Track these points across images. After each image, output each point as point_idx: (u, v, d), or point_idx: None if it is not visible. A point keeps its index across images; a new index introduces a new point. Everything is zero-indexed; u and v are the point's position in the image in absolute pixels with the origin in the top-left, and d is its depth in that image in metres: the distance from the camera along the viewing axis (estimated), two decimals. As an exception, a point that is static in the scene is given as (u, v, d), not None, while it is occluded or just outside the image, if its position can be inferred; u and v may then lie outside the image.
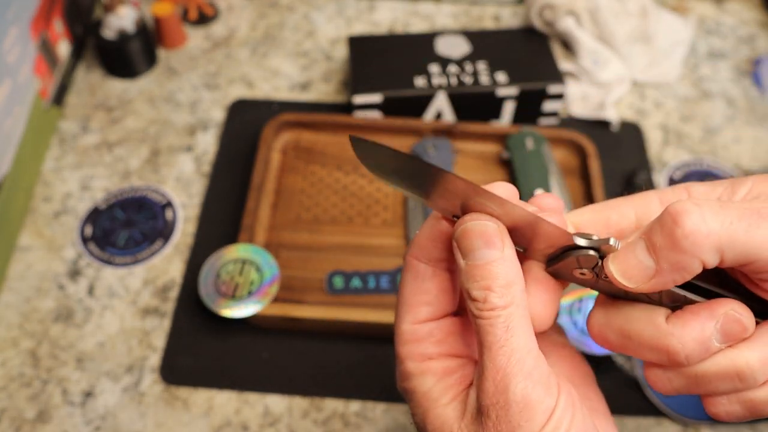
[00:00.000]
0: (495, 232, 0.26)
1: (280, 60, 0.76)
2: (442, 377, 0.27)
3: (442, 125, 0.66)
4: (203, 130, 0.70)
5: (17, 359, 0.55)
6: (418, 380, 0.28)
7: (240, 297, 0.54)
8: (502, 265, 0.25)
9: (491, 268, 0.25)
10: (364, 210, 0.62)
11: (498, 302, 0.25)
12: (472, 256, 0.26)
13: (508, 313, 0.25)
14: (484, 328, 0.25)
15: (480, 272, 0.25)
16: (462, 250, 0.26)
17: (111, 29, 0.70)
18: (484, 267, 0.25)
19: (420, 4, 0.82)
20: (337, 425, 0.52)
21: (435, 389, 0.27)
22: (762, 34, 0.80)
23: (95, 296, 0.58)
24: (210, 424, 0.52)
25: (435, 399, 0.27)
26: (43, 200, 0.64)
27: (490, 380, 0.25)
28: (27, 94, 0.63)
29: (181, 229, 0.62)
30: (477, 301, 0.25)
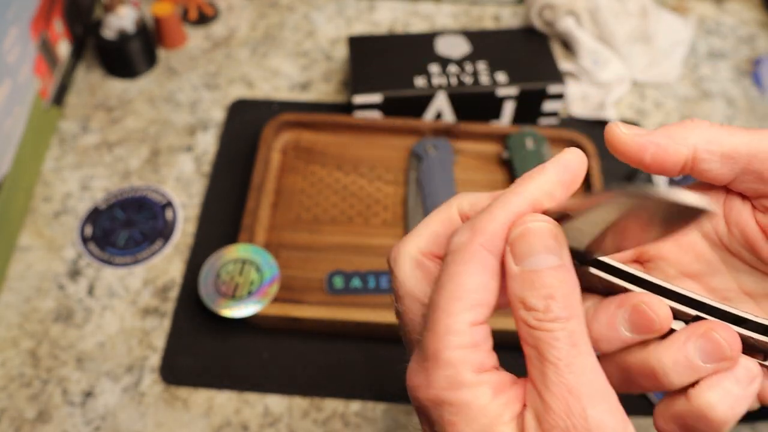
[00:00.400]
0: (557, 235, 0.23)
1: (280, 60, 0.76)
2: (498, 393, 0.23)
3: (442, 125, 0.66)
4: (203, 130, 0.70)
5: (17, 359, 0.55)
6: (473, 392, 0.23)
7: (240, 297, 0.54)
8: (563, 272, 0.23)
9: (554, 274, 0.23)
10: (364, 210, 0.63)
11: (561, 313, 0.22)
12: (530, 261, 0.23)
13: (572, 326, 0.22)
14: (546, 342, 0.22)
15: (540, 279, 0.23)
16: (517, 253, 0.23)
17: (111, 29, 0.70)
18: (544, 273, 0.23)
19: (420, 4, 0.82)
20: (337, 425, 0.52)
21: (493, 405, 0.23)
22: (762, 34, 0.80)
23: (95, 296, 0.58)
24: (210, 424, 0.52)
25: (496, 415, 0.23)
26: (43, 200, 0.64)
27: (560, 402, 0.22)
28: (27, 94, 0.63)
29: (181, 229, 0.62)
30: (536, 310, 0.22)
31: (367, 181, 0.64)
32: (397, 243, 0.27)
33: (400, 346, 0.38)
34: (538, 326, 0.22)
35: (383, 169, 0.65)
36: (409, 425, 0.52)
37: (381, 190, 0.64)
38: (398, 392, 0.53)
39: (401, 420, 0.52)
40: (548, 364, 0.22)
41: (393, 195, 0.64)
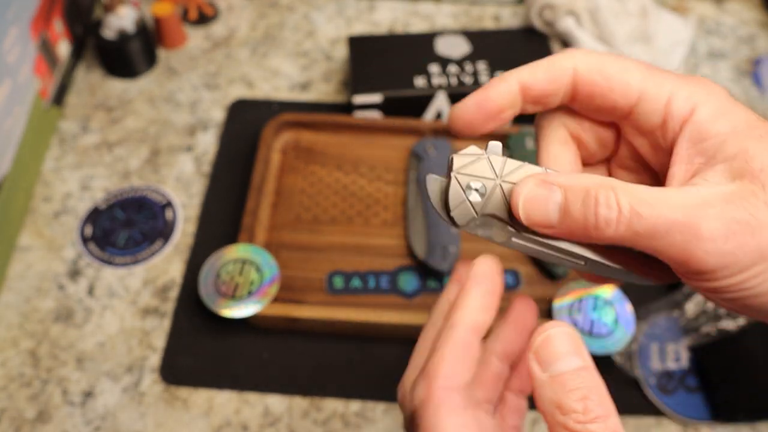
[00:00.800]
0: (577, 338, 0.25)
1: (280, 60, 0.76)
2: None
3: (442, 125, 0.66)
4: (203, 130, 0.70)
5: (17, 359, 0.55)
6: None
7: (240, 297, 0.54)
8: (591, 372, 0.24)
9: (584, 375, 0.23)
10: (364, 210, 0.63)
11: (600, 411, 0.23)
12: (557, 366, 0.24)
13: (611, 424, 0.23)
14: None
15: (572, 382, 0.23)
16: (544, 360, 0.24)
17: (111, 29, 0.70)
18: (575, 375, 0.23)
19: (420, 4, 0.82)
20: (337, 425, 0.52)
21: None
22: (762, 34, 0.80)
23: (95, 296, 0.58)
24: (210, 424, 0.52)
25: None
26: (43, 200, 0.64)
27: None
28: (27, 94, 0.63)
29: (181, 229, 0.62)
30: (575, 412, 0.23)
31: (367, 181, 0.64)
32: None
33: (400, 346, 0.39)
34: (581, 429, 0.23)
35: (383, 169, 0.65)
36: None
37: (381, 190, 0.64)
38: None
39: (401, 420, 0.52)
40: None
41: (393, 195, 0.64)
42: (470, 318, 0.28)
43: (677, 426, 0.52)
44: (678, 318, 0.56)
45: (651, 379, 0.53)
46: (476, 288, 0.29)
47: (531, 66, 0.28)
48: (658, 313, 0.56)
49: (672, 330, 0.56)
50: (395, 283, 0.58)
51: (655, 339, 0.55)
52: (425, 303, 0.57)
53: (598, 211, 0.24)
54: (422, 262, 0.58)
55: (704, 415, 0.52)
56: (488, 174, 0.27)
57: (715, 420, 0.52)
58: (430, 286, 0.58)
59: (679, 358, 0.54)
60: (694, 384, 0.53)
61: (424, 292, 0.57)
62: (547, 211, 0.25)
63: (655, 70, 0.26)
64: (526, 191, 0.25)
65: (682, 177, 0.25)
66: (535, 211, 0.25)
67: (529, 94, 0.28)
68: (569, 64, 0.27)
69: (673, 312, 0.56)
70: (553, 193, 0.25)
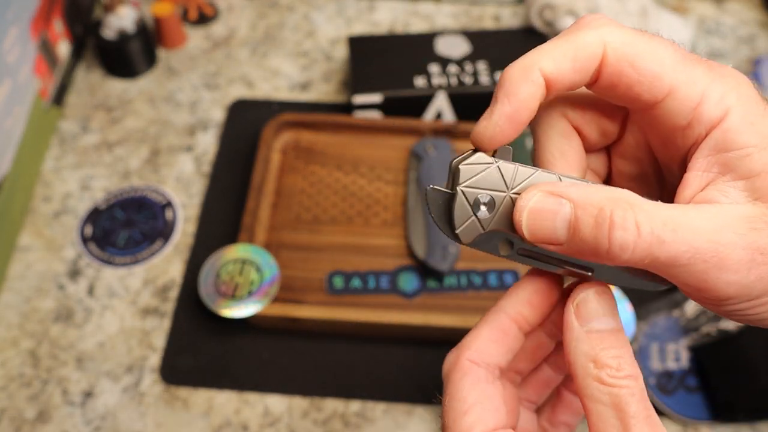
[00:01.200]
0: (615, 301, 0.25)
1: (280, 60, 0.76)
2: None
3: (442, 125, 0.66)
4: (203, 130, 0.70)
5: (17, 359, 0.55)
6: None
7: (240, 297, 0.54)
8: (623, 335, 0.24)
9: (618, 336, 0.24)
10: (364, 210, 0.62)
11: (632, 371, 0.23)
12: (598, 322, 0.24)
13: (641, 384, 0.23)
14: (624, 399, 0.23)
15: (608, 340, 0.24)
16: (583, 315, 0.24)
17: (111, 29, 0.70)
18: (612, 334, 0.24)
19: (420, 4, 0.82)
20: (337, 425, 0.52)
21: None
22: (762, 34, 0.80)
23: (95, 296, 0.58)
24: (210, 424, 0.52)
25: None
26: (43, 200, 0.64)
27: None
28: (27, 94, 0.63)
29: (181, 229, 0.62)
30: (610, 368, 0.23)
31: (367, 181, 0.64)
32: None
33: (400, 346, 0.38)
34: (615, 383, 0.23)
35: (383, 169, 0.65)
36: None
37: (381, 190, 0.64)
38: (398, 392, 0.53)
39: (401, 420, 0.52)
40: (631, 419, 0.22)
41: (393, 195, 0.64)
42: (513, 308, 0.27)
43: (677, 426, 0.52)
44: (678, 318, 0.56)
45: (651, 379, 0.53)
46: (530, 283, 0.27)
47: (553, 51, 0.24)
48: (658, 313, 0.56)
49: (672, 330, 0.56)
50: (395, 283, 0.58)
51: (655, 339, 0.55)
52: (425, 303, 0.57)
53: (612, 234, 0.22)
54: (422, 262, 0.58)
55: (704, 415, 0.52)
56: (498, 185, 0.24)
57: (715, 420, 0.52)
58: (430, 286, 0.58)
59: (679, 358, 0.54)
60: (694, 384, 0.53)
61: (424, 292, 0.57)
62: (554, 227, 0.23)
63: (689, 61, 0.24)
64: (531, 204, 0.23)
65: (696, 186, 0.24)
66: (540, 227, 0.23)
67: (553, 88, 0.25)
68: (598, 49, 0.24)
69: (673, 312, 0.56)
70: (562, 207, 0.23)
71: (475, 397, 0.25)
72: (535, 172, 0.24)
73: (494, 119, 0.25)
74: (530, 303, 0.27)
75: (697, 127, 0.23)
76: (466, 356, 0.26)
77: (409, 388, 0.54)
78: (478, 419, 0.25)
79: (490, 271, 0.59)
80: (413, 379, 0.54)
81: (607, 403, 0.23)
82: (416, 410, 0.53)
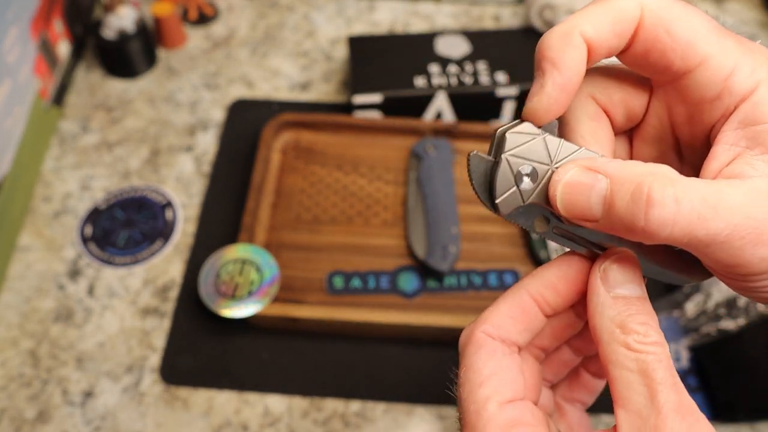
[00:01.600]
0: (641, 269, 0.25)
1: (280, 60, 0.76)
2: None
3: (442, 125, 0.66)
4: (203, 130, 0.70)
5: (17, 359, 0.55)
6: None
7: (240, 297, 0.54)
8: (648, 303, 0.24)
9: (644, 303, 0.24)
10: (364, 210, 0.62)
11: (658, 338, 0.23)
12: (624, 288, 0.24)
13: (667, 351, 0.23)
14: (651, 365, 0.22)
15: (636, 305, 0.23)
16: (611, 280, 0.24)
17: (111, 29, 0.70)
18: (639, 300, 0.23)
19: (420, 4, 0.82)
20: (337, 425, 0.52)
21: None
22: (762, 34, 0.80)
23: (95, 296, 0.58)
24: (210, 424, 0.52)
25: None
26: (43, 200, 0.64)
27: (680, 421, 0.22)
28: (27, 94, 0.63)
29: (181, 229, 0.62)
30: (637, 333, 0.23)
31: (367, 181, 0.64)
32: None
33: (400, 346, 0.38)
34: (642, 349, 0.23)
35: (383, 169, 0.65)
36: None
37: (381, 190, 0.64)
38: (398, 392, 0.53)
39: (401, 420, 0.52)
40: (658, 385, 0.22)
41: (393, 195, 0.64)
42: (536, 288, 0.26)
43: (677, 426, 0.52)
44: (678, 318, 0.56)
45: (651, 379, 0.53)
46: (558, 268, 0.26)
47: (592, 15, 0.23)
48: (658, 313, 0.56)
49: (672, 330, 0.56)
50: (395, 283, 0.58)
51: (655, 339, 0.55)
52: (425, 303, 0.57)
53: (649, 211, 0.21)
54: (422, 262, 0.58)
55: (704, 414, 0.52)
56: (542, 158, 0.24)
57: (715, 420, 0.52)
58: (430, 286, 0.58)
59: (679, 358, 0.54)
60: (694, 384, 0.53)
61: (424, 292, 0.57)
62: (589, 202, 0.22)
63: (721, 33, 0.23)
64: (567, 178, 0.23)
65: (724, 159, 0.23)
66: (574, 202, 0.23)
67: (594, 53, 0.24)
68: (636, 12, 0.23)
69: (673, 312, 0.56)
70: (598, 182, 0.22)
71: (491, 369, 0.24)
72: (580, 149, 0.24)
73: (547, 91, 0.24)
74: (555, 288, 0.26)
75: (727, 99, 0.23)
76: (482, 329, 0.25)
77: (409, 388, 0.54)
78: (494, 391, 0.24)
79: (490, 271, 0.59)
80: (413, 379, 0.54)
81: (633, 369, 0.22)
82: (416, 410, 0.53)
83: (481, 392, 0.24)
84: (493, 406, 0.24)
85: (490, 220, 0.62)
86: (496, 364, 0.25)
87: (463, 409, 0.24)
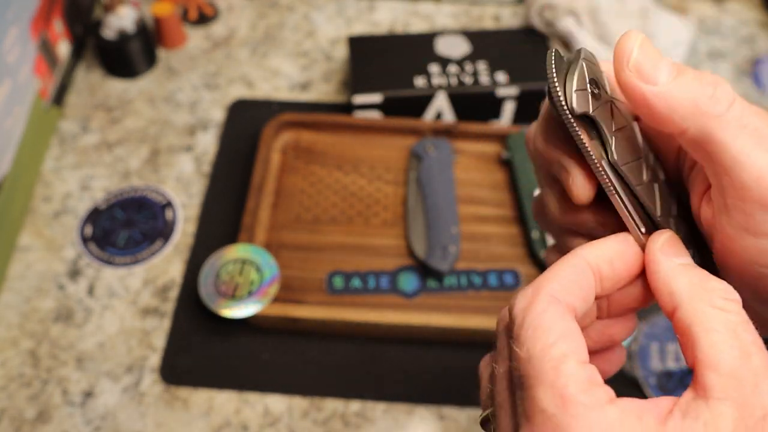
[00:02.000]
0: None
1: (280, 60, 0.76)
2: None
3: (442, 125, 0.66)
4: (203, 130, 0.70)
5: (17, 359, 0.55)
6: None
7: (240, 297, 0.54)
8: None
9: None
10: (364, 210, 0.62)
11: (738, 297, 0.23)
12: (684, 258, 0.25)
13: (745, 313, 0.23)
14: (741, 326, 0.22)
15: (702, 271, 0.24)
16: (671, 253, 0.25)
17: (111, 29, 0.70)
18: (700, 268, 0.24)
19: (420, 4, 0.82)
20: (337, 425, 0.52)
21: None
22: (762, 34, 0.80)
23: (95, 296, 0.58)
24: (210, 424, 0.52)
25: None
26: (43, 200, 0.64)
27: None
28: (27, 94, 0.63)
29: (181, 229, 0.62)
30: (720, 289, 0.23)
31: (367, 181, 0.64)
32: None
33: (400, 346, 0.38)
34: (728, 308, 0.22)
35: (383, 169, 0.65)
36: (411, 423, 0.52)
37: (381, 190, 0.64)
38: (398, 392, 0.53)
39: (401, 420, 0.52)
40: (751, 345, 0.21)
41: (393, 195, 0.64)
42: (595, 260, 0.25)
43: (677, 426, 0.52)
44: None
45: (651, 379, 0.53)
46: (616, 242, 0.26)
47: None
48: (658, 313, 0.56)
49: (672, 330, 0.55)
50: (395, 283, 0.58)
51: (655, 339, 0.55)
52: (425, 303, 0.57)
53: (715, 90, 0.22)
54: (422, 262, 0.58)
55: None
56: (605, 86, 0.25)
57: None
58: (430, 286, 0.58)
59: (680, 358, 0.54)
60: (694, 384, 0.53)
61: (424, 292, 0.57)
62: (656, 66, 0.23)
63: None
64: (641, 41, 0.23)
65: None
66: (645, 61, 0.23)
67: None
68: None
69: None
70: (665, 60, 0.23)
71: (563, 329, 0.23)
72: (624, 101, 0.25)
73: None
74: (611, 264, 0.25)
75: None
76: (549, 290, 0.24)
77: (409, 388, 0.54)
78: (571, 350, 0.22)
79: (490, 271, 0.59)
80: (413, 379, 0.54)
81: (721, 330, 0.22)
82: (416, 410, 0.53)
83: (557, 349, 0.22)
84: (572, 363, 0.22)
85: (490, 220, 0.62)
86: (566, 325, 0.23)
87: (532, 368, 0.22)
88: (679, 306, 0.23)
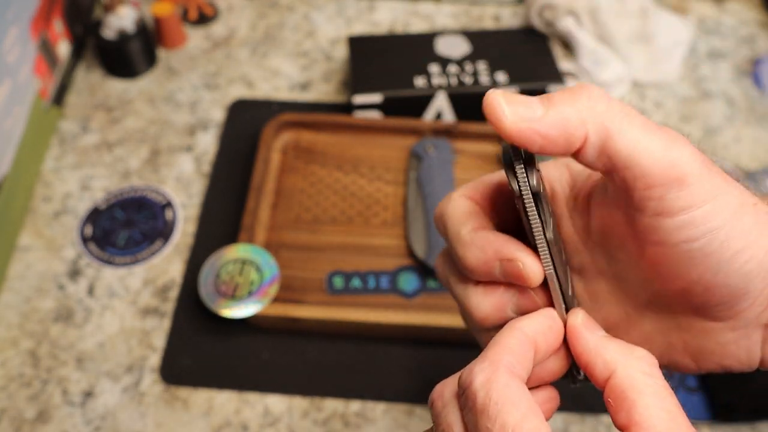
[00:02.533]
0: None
1: (280, 60, 0.76)
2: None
3: (442, 125, 0.66)
4: (203, 130, 0.70)
5: (17, 359, 0.55)
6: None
7: (240, 297, 0.54)
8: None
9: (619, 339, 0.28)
10: (364, 210, 0.63)
11: (656, 362, 0.26)
12: (602, 331, 0.27)
13: None
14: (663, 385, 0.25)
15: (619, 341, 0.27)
16: (592, 327, 0.27)
17: (111, 29, 0.70)
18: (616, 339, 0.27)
19: (420, 4, 0.82)
20: (337, 425, 0.52)
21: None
22: (762, 34, 0.80)
23: (95, 296, 0.58)
24: (210, 424, 0.52)
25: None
26: (43, 200, 0.64)
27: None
28: (27, 94, 0.63)
29: (181, 229, 0.62)
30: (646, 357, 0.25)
31: (367, 181, 0.64)
32: None
33: (400, 346, 0.38)
34: (657, 374, 0.25)
35: (383, 169, 0.65)
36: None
37: (381, 190, 0.64)
38: (398, 392, 0.54)
39: (401, 420, 0.52)
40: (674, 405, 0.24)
41: (393, 195, 0.64)
42: (532, 331, 0.26)
43: (677, 426, 0.52)
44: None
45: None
46: (544, 316, 0.27)
47: None
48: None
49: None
50: (395, 283, 0.58)
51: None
52: (425, 303, 0.57)
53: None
54: (422, 262, 0.58)
55: (704, 415, 0.52)
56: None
57: (715, 420, 0.52)
58: (430, 286, 0.58)
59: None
60: (694, 384, 0.53)
61: (424, 292, 0.57)
62: (526, 102, 0.24)
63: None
64: (502, 93, 0.25)
65: None
66: (516, 104, 0.24)
67: None
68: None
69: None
70: (529, 97, 0.25)
71: (527, 404, 0.24)
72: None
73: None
74: (545, 337, 0.27)
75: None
76: (505, 363, 0.25)
77: (409, 388, 0.54)
78: (540, 422, 0.23)
79: (490, 271, 0.59)
80: (413, 379, 0.54)
81: (651, 394, 0.24)
82: (416, 410, 0.53)
83: (529, 423, 0.23)
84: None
85: (490, 220, 0.62)
86: (528, 400, 0.24)
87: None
88: (614, 373, 0.24)
